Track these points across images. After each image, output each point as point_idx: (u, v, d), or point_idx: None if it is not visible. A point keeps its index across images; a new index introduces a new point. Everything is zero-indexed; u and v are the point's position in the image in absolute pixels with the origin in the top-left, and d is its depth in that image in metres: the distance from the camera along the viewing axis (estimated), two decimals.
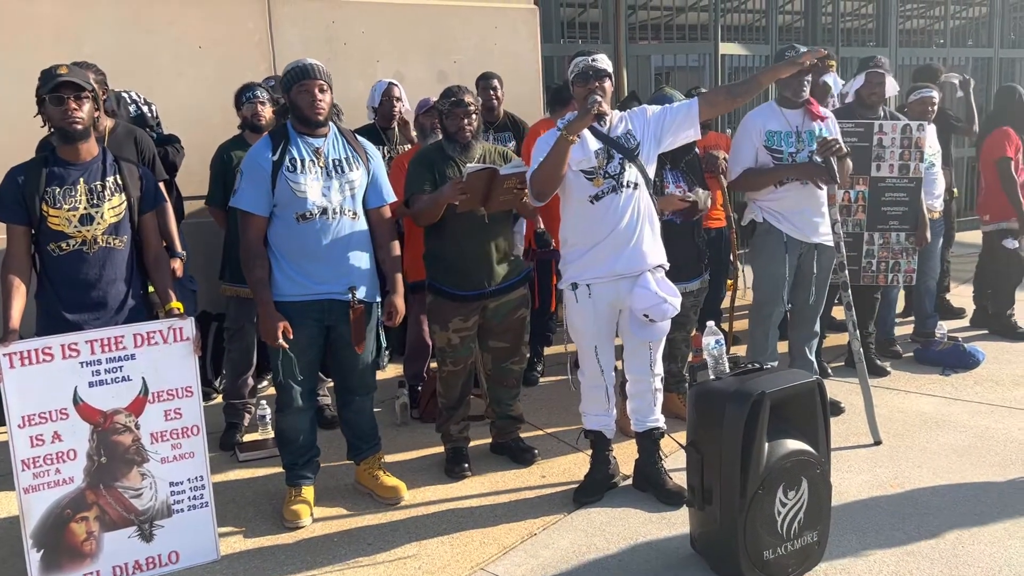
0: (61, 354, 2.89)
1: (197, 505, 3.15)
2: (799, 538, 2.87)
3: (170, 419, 3.08)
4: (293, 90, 3.27)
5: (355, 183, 3.36)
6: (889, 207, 4.30)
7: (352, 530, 3.39)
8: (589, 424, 3.62)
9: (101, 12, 4.99)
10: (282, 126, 3.37)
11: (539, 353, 5.16)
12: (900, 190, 4.33)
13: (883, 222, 4.29)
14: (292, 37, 5.48)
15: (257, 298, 3.29)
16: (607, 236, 3.35)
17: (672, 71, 8.41)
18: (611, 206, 3.34)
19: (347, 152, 3.38)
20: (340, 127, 3.46)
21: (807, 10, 9.17)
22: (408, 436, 4.33)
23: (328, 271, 3.31)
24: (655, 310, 3.30)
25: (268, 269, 3.30)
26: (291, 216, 3.26)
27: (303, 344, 3.34)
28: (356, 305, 3.33)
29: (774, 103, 4.16)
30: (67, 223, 3.02)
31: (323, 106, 3.27)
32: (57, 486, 2.94)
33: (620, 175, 3.34)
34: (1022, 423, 4.20)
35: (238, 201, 3.29)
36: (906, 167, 4.29)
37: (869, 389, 4.10)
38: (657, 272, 3.38)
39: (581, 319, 3.47)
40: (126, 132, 3.96)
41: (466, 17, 6.09)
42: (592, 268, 3.39)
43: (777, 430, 2.81)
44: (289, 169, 3.24)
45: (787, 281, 4.14)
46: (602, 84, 3.33)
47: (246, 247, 3.31)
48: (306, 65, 3.26)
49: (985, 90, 10.18)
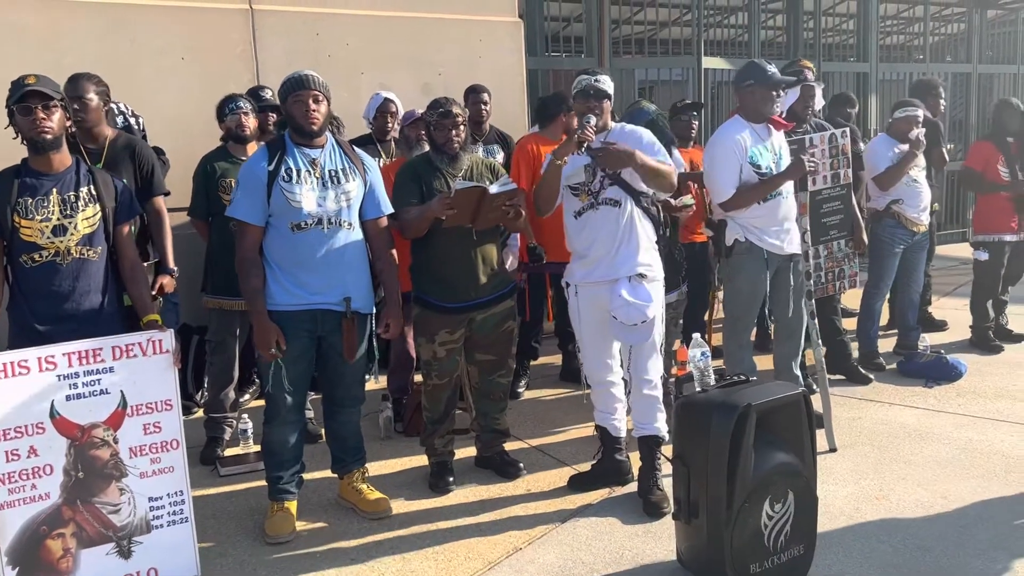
0: (38, 367, 2.84)
1: (177, 520, 3.09)
2: (786, 551, 2.85)
3: (149, 433, 3.03)
4: (288, 100, 3.28)
5: (351, 194, 3.34)
6: (827, 217, 4.30)
7: (335, 545, 3.34)
8: (596, 419, 3.79)
9: (83, 22, 4.95)
10: (280, 137, 3.38)
11: (525, 367, 5.14)
12: (834, 199, 4.30)
13: (824, 233, 4.28)
14: (276, 49, 5.46)
15: (251, 307, 3.28)
16: (587, 249, 3.57)
17: (656, 84, 8.45)
18: (589, 223, 3.56)
19: (344, 163, 3.37)
20: (338, 138, 3.47)
21: (789, 25, 9.25)
22: (392, 450, 4.29)
23: (322, 281, 3.30)
24: (621, 311, 3.41)
25: (263, 278, 3.28)
26: (286, 226, 3.25)
27: (295, 354, 3.32)
28: (350, 316, 3.31)
29: (740, 118, 4.07)
30: (40, 234, 2.97)
31: (317, 116, 3.26)
32: (33, 502, 2.87)
33: (599, 192, 3.52)
34: (1005, 435, 4.21)
35: (234, 211, 3.27)
36: (836, 175, 4.30)
37: (829, 398, 4.16)
38: (636, 279, 3.47)
39: (573, 317, 3.71)
40: (125, 142, 3.91)
41: (451, 29, 6.10)
42: (578, 274, 3.63)
43: (763, 442, 2.80)
44: (284, 179, 3.23)
45: (766, 296, 4.16)
46: (601, 104, 3.50)
47: (241, 256, 3.29)
48: (302, 76, 3.27)
49: (964, 104, 10.32)
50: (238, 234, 3.32)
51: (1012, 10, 11.10)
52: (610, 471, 3.73)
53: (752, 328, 4.32)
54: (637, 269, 3.49)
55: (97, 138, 3.81)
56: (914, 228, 5.29)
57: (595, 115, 3.44)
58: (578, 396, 4.69)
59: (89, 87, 3.78)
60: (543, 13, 7.49)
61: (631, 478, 3.72)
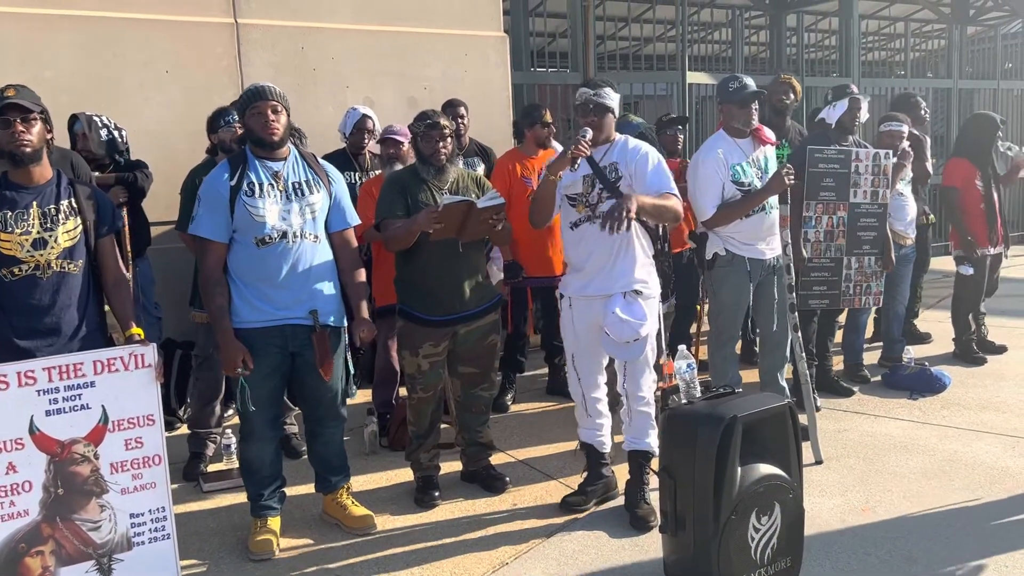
0: (17, 382, 2.79)
1: (159, 537, 3.04)
2: (773, 564, 2.84)
3: (131, 448, 2.98)
4: (247, 113, 3.24)
5: (316, 206, 3.31)
6: (863, 232, 4.44)
7: (320, 562, 3.30)
8: (580, 435, 3.74)
9: (66, 35, 4.93)
10: (241, 151, 3.33)
11: (511, 380, 5.13)
12: (871, 216, 4.48)
13: (858, 247, 4.44)
14: (261, 62, 5.45)
15: (216, 326, 3.23)
16: (583, 262, 3.54)
17: (641, 99, 8.50)
18: (585, 235, 3.51)
19: (308, 175, 3.33)
20: (301, 150, 3.43)
21: (772, 41, 9.35)
22: (377, 464, 4.26)
23: (289, 296, 3.25)
24: (613, 328, 3.38)
25: (228, 296, 3.24)
26: (250, 241, 3.21)
27: (265, 372, 3.27)
28: (319, 329, 3.28)
29: (724, 134, 4.10)
30: (19, 248, 2.93)
31: (277, 127, 3.22)
32: (11, 519, 2.82)
33: (597, 205, 3.47)
34: (989, 446, 4.23)
35: (196, 228, 3.23)
36: (876, 193, 4.41)
37: (814, 410, 4.18)
38: (631, 296, 3.43)
39: (565, 329, 3.67)
40: (60, 156, 3.86)
41: (436, 44, 6.11)
42: (573, 286, 3.60)
43: (749, 454, 2.80)
44: (247, 193, 3.19)
45: (749, 308, 4.16)
46: (602, 119, 3.47)
47: (205, 274, 3.25)
48: (259, 87, 3.24)
49: (945, 120, 10.43)
50: (201, 252, 3.27)
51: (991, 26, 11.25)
52: (599, 488, 3.69)
53: (737, 340, 4.33)
54: (633, 286, 3.46)
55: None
56: (900, 241, 5.33)
57: (592, 129, 3.41)
58: (565, 409, 4.68)
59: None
60: (529, 29, 7.53)
61: (617, 493, 3.70)
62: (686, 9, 8.20)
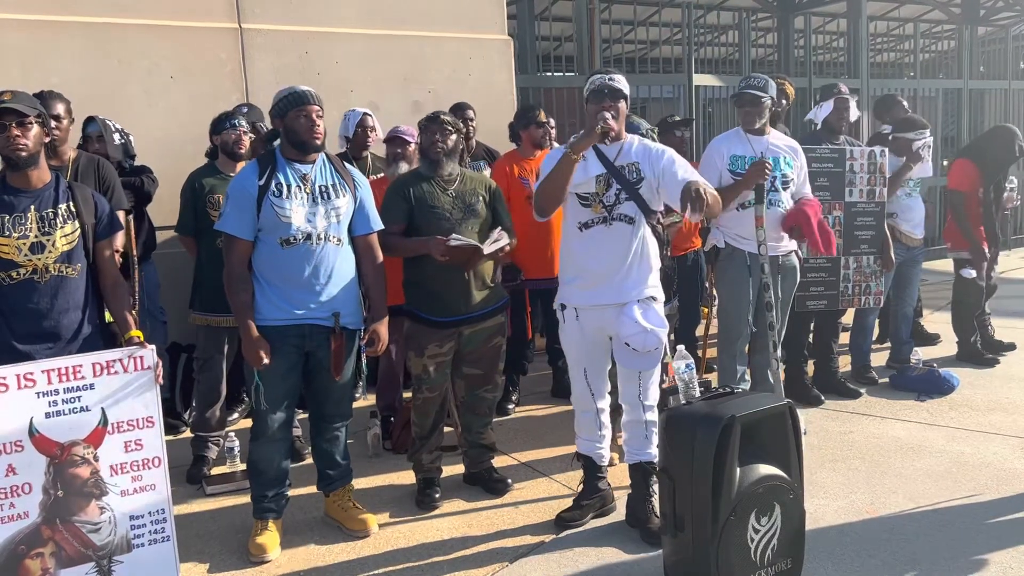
0: (16, 384, 2.81)
1: (158, 539, 3.04)
2: (773, 565, 2.82)
3: (130, 450, 2.99)
4: (290, 115, 3.26)
5: (341, 210, 3.34)
6: (860, 231, 4.41)
7: (320, 564, 3.30)
8: (580, 447, 3.59)
9: (70, 42, 4.97)
10: (270, 152, 3.36)
11: (515, 383, 5.11)
12: (868, 214, 4.44)
13: (855, 246, 4.40)
14: (265, 67, 5.48)
15: (240, 322, 3.26)
16: (593, 269, 3.33)
17: (648, 102, 8.49)
18: (599, 238, 3.31)
19: (334, 179, 3.37)
20: (328, 154, 3.46)
21: (780, 43, 9.33)
22: (380, 466, 4.25)
23: (311, 297, 3.29)
24: (637, 339, 3.20)
25: (252, 293, 3.27)
26: (275, 241, 3.24)
27: (282, 370, 3.30)
28: (339, 332, 3.31)
29: (740, 130, 4.20)
30: (17, 251, 2.94)
31: (320, 132, 3.28)
32: (11, 521, 2.83)
33: (614, 207, 3.30)
34: (998, 448, 4.18)
35: (223, 224, 3.27)
36: (872, 192, 4.37)
37: None
38: (646, 303, 3.30)
39: (569, 340, 3.47)
40: (88, 161, 3.89)
41: (440, 47, 6.12)
42: (578, 295, 3.39)
43: (748, 455, 2.77)
44: (275, 194, 3.23)
45: (751, 304, 4.15)
46: (616, 104, 3.26)
47: (230, 271, 3.28)
48: (302, 91, 3.28)
49: (956, 120, 10.36)
50: (226, 248, 3.30)
51: (1002, 27, 11.17)
52: (595, 502, 3.56)
53: (746, 339, 4.28)
54: (647, 292, 3.33)
55: (61, 156, 3.79)
56: (908, 242, 5.29)
57: (610, 114, 3.18)
58: (568, 412, 4.64)
59: (59, 106, 3.77)
60: (534, 32, 7.54)
61: (614, 507, 3.59)
62: (693, 12, 8.20)
